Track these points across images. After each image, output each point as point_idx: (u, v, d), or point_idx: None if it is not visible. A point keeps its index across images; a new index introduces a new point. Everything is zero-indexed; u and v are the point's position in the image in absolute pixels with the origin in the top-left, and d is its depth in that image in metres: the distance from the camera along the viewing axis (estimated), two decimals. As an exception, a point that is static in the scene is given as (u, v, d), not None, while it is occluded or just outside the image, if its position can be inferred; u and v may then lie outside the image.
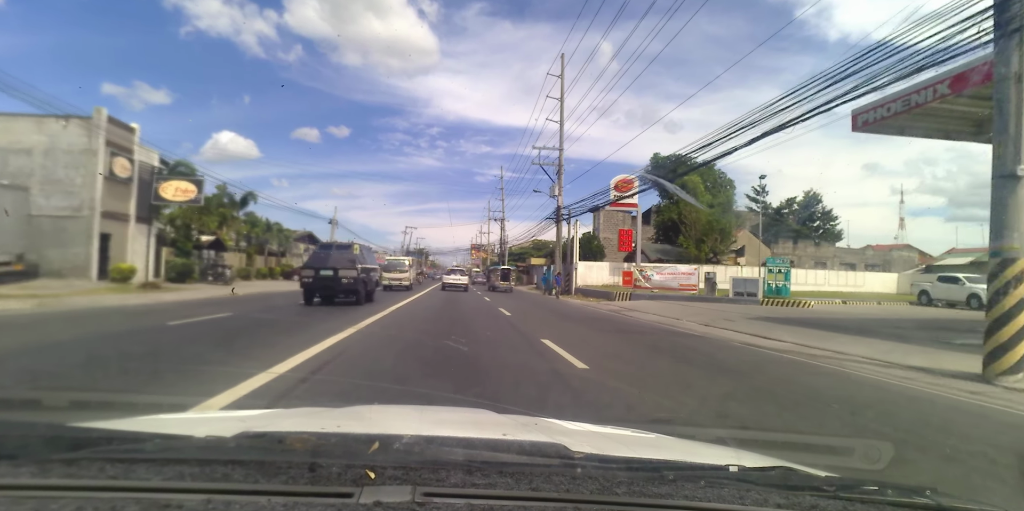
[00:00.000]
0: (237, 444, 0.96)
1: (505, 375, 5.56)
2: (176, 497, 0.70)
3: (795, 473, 1.07)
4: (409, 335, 8.66)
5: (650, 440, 1.48)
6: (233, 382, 4.26)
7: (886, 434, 3.73)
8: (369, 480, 0.77)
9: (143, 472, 0.78)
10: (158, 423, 1.41)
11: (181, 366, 5.24)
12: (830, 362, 7.11)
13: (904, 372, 6.46)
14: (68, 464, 0.80)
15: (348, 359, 5.96)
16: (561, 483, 0.81)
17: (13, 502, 0.69)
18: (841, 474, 1.20)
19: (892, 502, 0.86)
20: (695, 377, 5.85)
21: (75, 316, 9.90)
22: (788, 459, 1.24)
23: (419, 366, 5.75)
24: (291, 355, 5.73)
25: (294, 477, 0.77)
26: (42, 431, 1.03)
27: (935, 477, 2.79)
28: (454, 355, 6.63)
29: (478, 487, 0.78)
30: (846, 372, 6.41)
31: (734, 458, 1.16)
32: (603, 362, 6.69)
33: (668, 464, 1.03)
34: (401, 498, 0.72)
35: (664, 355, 7.78)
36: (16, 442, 0.91)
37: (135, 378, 4.84)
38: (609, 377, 5.59)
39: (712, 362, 7.08)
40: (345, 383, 4.73)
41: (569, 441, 1.09)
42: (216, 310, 11.33)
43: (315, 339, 7.00)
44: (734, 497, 0.81)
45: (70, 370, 5.03)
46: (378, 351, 6.67)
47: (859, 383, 5.79)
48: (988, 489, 2.65)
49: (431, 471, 0.81)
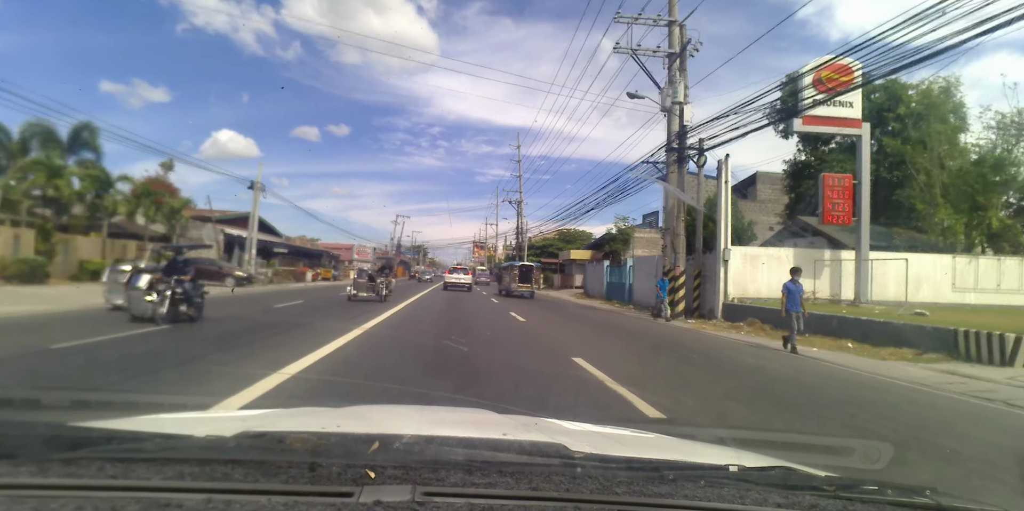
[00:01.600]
0: (237, 444, 0.96)
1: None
2: (176, 496, 0.70)
3: (795, 473, 1.07)
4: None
5: (650, 440, 1.48)
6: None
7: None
8: (369, 480, 0.77)
9: (143, 472, 0.78)
10: (158, 423, 1.41)
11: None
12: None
13: None
14: (68, 464, 0.80)
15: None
16: (561, 483, 0.81)
17: (13, 501, 0.69)
18: (841, 474, 1.20)
19: (892, 502, 0.86)
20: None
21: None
22: (788, 459, 1.24)
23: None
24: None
25: (294, 477, 0.77)
26: (42, 431, 1.03)
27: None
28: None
29: (478, 487, 0.78)
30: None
31: (734, 458, 1.16)
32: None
33: (668, 464, 1.03)
34: (401, 497, 0.72)
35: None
36: (16, 442, 0.91)
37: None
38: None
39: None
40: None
41: (569, 441, 1.09)
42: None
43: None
44: (734, 497, 0.81)
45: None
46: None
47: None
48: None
49: (431, 471, 0.81)
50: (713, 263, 15.72)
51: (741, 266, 15.71)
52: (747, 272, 15.78)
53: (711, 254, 16.12)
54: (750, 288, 15.70)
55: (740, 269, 15.66)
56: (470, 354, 7.02)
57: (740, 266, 15.69)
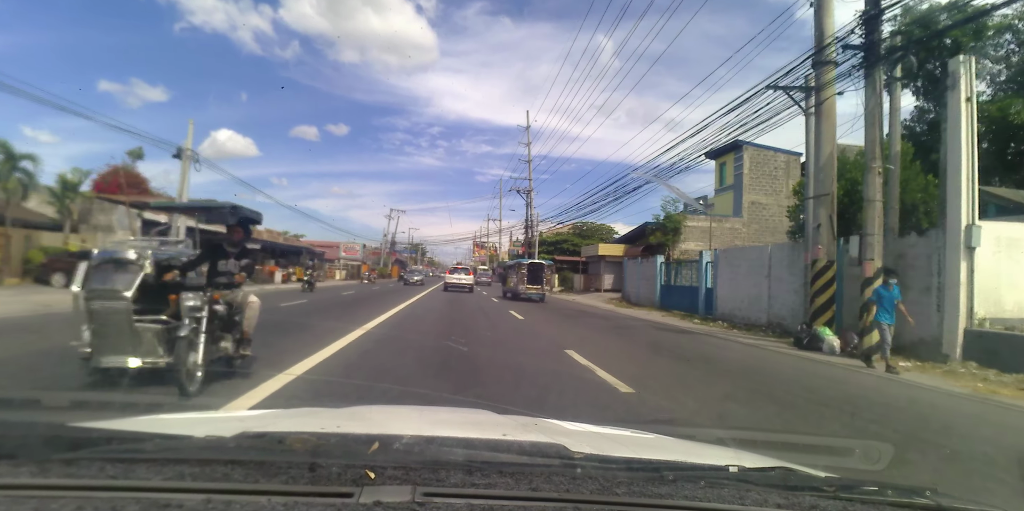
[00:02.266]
0: (237, 444, 0.97)
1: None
2: (176, 497, 0.70)
3: (795, 473, 1.07)
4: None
5: (650, 440, 1.48)
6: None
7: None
8: (369, 480, 0.77)
9: (143, 472, 0.79)
10: (158, 423, 1.42)
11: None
12: None
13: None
14: (68, 464, 0.80)
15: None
16: (561, 483, 0.81)
17: (13, 502, 0.69)
18: (841, 474, 1.20)
19: (892, 502, 0.86)
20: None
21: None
22: (788, 459, 1.24)
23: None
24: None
25: (294, 477, 0.77)
26: (42, 431, 1.03)
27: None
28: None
29: (478, 487, 0.78)
30: None
31: (734, 458, 1.16)
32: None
33: (668, 464, 1.03)
34: (401, 498, 0.72)
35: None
36: (16, 442, 0.91)
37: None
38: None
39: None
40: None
41: (569, 441, 1.09)
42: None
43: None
44: (734, 497, 0.81)
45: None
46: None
47: None
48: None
49: (431, 471, 0.82)
50: (931, 252, 9.01)
51: (991, 259, 8.64)
52: (1001, 270, 8.72)
53: (926, 236, 9.32)
54: (1007, 300, 8.74)
55: (989, 265, 8.60)
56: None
57: (989, 258, 8.62)
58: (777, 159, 25.03)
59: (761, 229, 24.86)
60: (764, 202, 25.15)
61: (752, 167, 24.94)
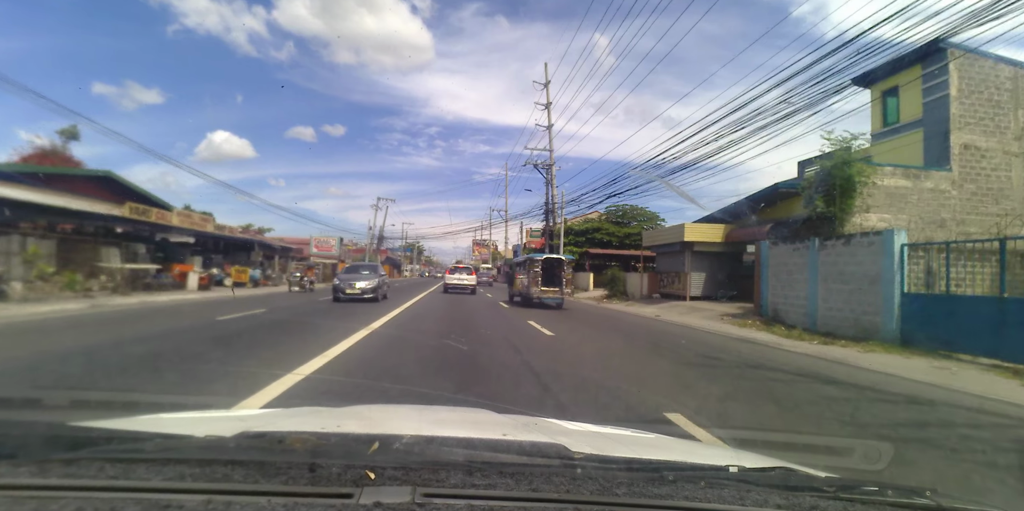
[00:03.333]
0: (237, 444, 0.97)
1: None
2: (176, 497, 0.70)
3: (795, 474, 1.07)
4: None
5: (650, 440, 1.48)
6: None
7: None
8: (369, 480, 0.77)
9: (143, 472, 0.79)
10: (158, 423, 1.41)
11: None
12: None
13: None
14: (68, 464, 0.80)
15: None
16: (561, 483, 0.81)
17: (13, 502, 0.69)
18: (841, 474, 1.20)
19: (892, 503, 0.86)
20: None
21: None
22: (788, 459, 1.24)
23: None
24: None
25: (294, 477, 0.77)
26: (42, 431, 1.03)
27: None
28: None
29: (478, 488, 0.78)
30: None
31: (734, 458, 1.16)
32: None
33: (668, 465, 1.03)
34: (401, 499, 0.72)
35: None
36: (16, 442, 0.91)
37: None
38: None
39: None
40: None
41: (569, 441, 1.09)
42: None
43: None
44: (734, 498, 0.81)
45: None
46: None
47: None
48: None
49: (431, 471, 0.81)
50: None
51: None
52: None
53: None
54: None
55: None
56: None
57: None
58: (999, 73, 13.17)
59: (979, 190, 13.26)
60: (983, 146, 13.33)
61: (964, 88, 12.95)
